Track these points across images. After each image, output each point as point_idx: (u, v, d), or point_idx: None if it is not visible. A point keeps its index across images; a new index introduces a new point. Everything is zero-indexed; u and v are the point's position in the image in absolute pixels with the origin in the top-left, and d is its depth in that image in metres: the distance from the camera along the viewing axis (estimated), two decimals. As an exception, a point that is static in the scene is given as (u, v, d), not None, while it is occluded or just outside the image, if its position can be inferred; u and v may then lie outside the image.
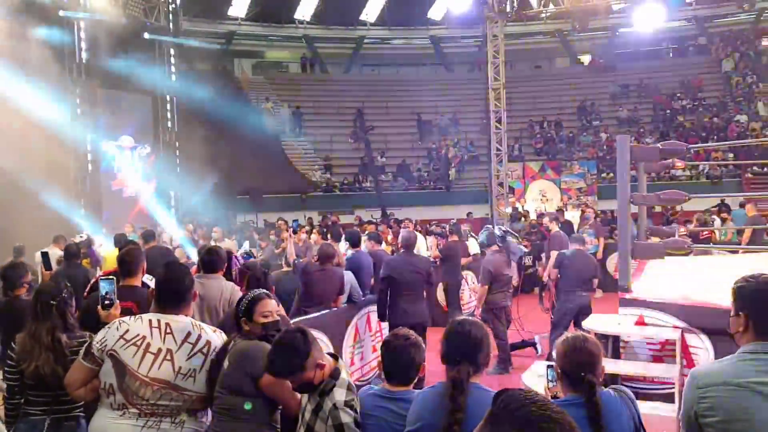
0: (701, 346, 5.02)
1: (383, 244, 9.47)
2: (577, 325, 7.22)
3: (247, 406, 2.88)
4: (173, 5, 17.85)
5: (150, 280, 4.41)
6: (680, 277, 6.39)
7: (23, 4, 12.40)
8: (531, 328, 8.94)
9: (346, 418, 2.63)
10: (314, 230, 11.85)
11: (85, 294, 4.84)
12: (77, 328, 3.53)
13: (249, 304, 3.12)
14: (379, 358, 2.87)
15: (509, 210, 18.28)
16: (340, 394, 2.68)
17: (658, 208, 14.89)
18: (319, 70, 33.27)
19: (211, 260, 4.85)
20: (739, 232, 11.59)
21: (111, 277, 3.72)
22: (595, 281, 7.94)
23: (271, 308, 3.15)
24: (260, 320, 3.06)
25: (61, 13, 14.06)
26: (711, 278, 6.21)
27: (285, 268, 7.21)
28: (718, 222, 13.27)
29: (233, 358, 2.94)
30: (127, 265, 4.19)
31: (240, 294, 4.79)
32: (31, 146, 12.39)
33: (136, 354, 2.90)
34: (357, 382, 6.64)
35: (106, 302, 3.53)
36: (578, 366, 2.49)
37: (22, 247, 8.78)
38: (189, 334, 3.01)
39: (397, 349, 2.76)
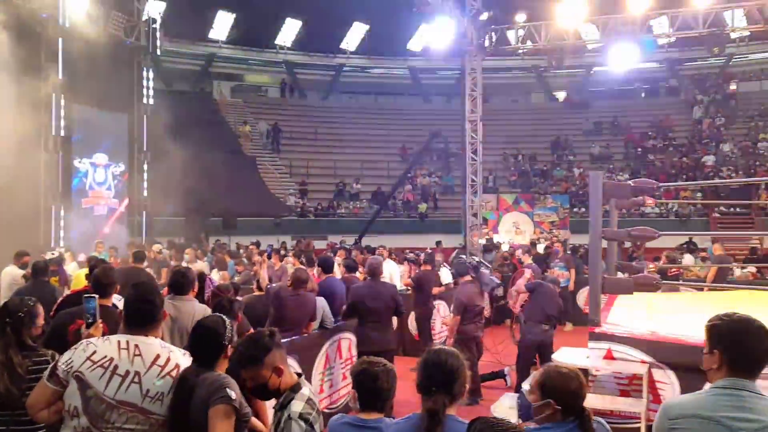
0: (668, 382, 5.08)
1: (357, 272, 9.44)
2: (543, 360, 7.26)
3: None
4: (154, 25, 17.83)
5: (119, 301, 4.36)
6: (648, 312, 6.48)
7: (5, 10, 12.30)
8: (501, 360, 8.97)
9: (297, 429, 2.61)
10: (291, 254, 11.76)
11: (52, 313, 4.76)
12: (37, 347, 3.49)
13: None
14: (351, 386, 2.87)
15: (482, 241, 18.40)
16: (297, 406, 2.68)
17: (627, 244, 15.10)
18: (298, 95, 33.45)
19: (179, 282, 4.80)
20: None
21: (94, 295, 3.68)
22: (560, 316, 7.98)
23: None
24: None
25: (39, 29, 13.95)
26: (678, 314, 6.33)
27: (256, 292, 7.13)
28: (688, 259, 13.52)
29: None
30: (103, 286, 4.15)
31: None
32: (4, 158, 12.21)
33: (102, 376, 2.83)
34: (326, 410, 6.60)
35: (89, 320, 3.51)
36: (572, 396, 2.60)
37: (-16, 264, 8.60)
38: (158, 356, 2.94)
39: (372, 377, 2.76)
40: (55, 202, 14.41)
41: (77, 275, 8.63)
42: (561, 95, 34.54)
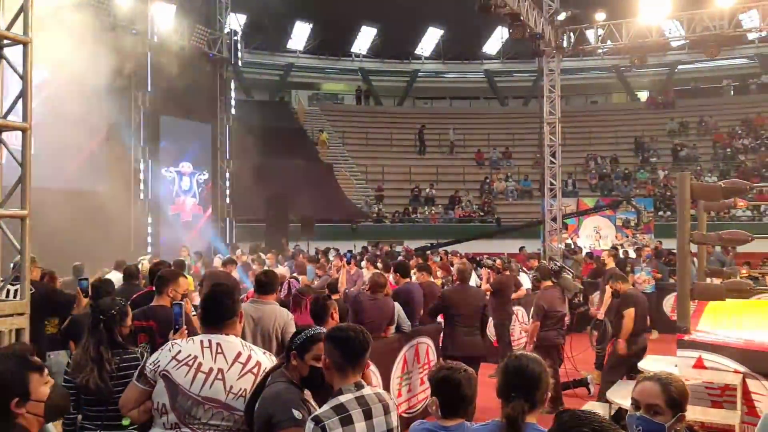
0: (764, 393, 4.81)
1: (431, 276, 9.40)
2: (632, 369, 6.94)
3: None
4: (235, 37, 18.39)
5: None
6: (742, 319, 6.16)
7: (99, 27, 12.92)
8: (583, 368, 8.71)
9: (308, 429, 2.54)
10: (365, 259, 11.86)
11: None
12: (127, 345, 3.68)
13: (306, 341, 2.90)
14: (430, 393, 2.83)
15: (562, 246, 17.97)
16: (321, 408, 2.62)
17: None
18: (374, 102, 33.75)
19: (262, 281, 4.98)
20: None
21: (181, 302, 3.84)
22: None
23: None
24: (310, 362, 2.86)
25: (130, 43, 14.58)
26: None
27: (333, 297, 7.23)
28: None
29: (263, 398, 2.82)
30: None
31: (293, 322, 4.84)
32: (98, 167, 12.85)
33: (188, 374, 2.93)
34: (404, 414, 6.59)
35: (176, 326, 3.70)
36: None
37: (80, 266, 8.99)
38: (239, 354, 3.03)
39: (455, 384, 2.71)
40: (144, 209, 15.04)
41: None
42: (643, 95, 33.41)
